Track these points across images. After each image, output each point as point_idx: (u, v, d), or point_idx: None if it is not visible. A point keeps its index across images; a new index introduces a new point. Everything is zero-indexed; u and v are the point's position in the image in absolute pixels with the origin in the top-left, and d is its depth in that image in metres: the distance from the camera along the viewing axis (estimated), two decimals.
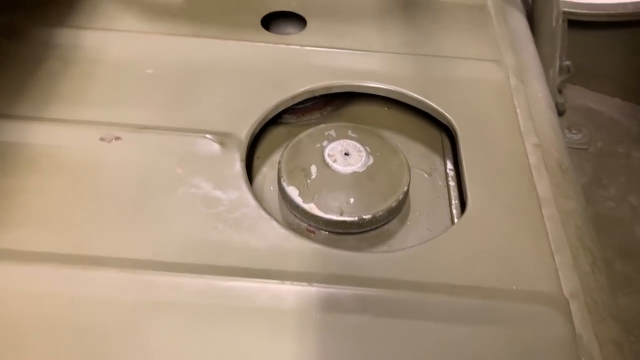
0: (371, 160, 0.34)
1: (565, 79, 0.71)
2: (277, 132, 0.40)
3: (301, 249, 0.30)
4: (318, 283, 0.28)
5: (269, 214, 0.32)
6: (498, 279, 0.29)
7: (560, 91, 0.71)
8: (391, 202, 0.33)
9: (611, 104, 0.74)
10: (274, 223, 0.31)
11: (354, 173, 0.34)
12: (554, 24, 0.56)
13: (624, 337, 0.33)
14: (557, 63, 0.62)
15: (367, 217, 0.33)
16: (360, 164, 0.34)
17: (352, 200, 0.33)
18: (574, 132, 0.69)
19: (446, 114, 0.38)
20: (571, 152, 0.67)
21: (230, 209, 0.31)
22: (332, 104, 0.42)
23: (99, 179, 0.32)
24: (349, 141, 0.35)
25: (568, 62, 0.69)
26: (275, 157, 0.38)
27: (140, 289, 0.27)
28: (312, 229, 0.34)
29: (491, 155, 0.35)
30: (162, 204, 0.31)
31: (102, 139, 0.34)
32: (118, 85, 0.38)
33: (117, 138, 0.34)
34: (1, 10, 0.42)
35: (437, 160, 0.39)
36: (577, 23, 0.70)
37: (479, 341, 0.27)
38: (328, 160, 0.34)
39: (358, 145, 0.35)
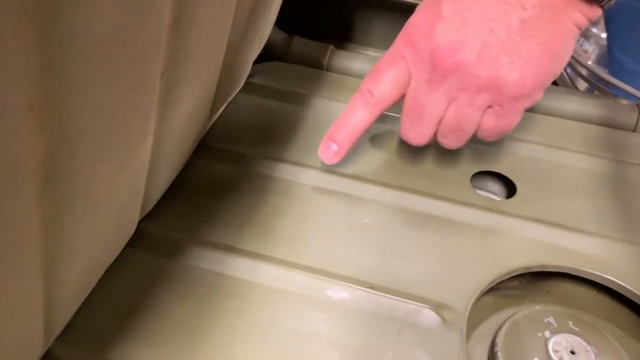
0: None
1: None
2: (480, 299, 0.40)
3: None
4: None
5: None
6: None
7: None
8: None
9: None
10: None
11: None
12: None
13: None
14: None
15: None
16: None
17: None
18: None
19: None
20: None
21: None
22: (532, 273, 0.42)
23: (325, 337, 0.33)
24: (574, 337, 0.34)
25: None
26: (481, 330, 0.38)
27: None
28: None
29: None
30: None
31: (327, 293, 0.35)
32: (338, 231, 0.39)
33: (342, 295, 0.35)
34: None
35: None
36: None
37: None
38: (553, 356, 0.33)
39: (584, 344, 0.34)
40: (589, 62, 0.87)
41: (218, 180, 0.43)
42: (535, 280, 0.41)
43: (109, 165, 0.25)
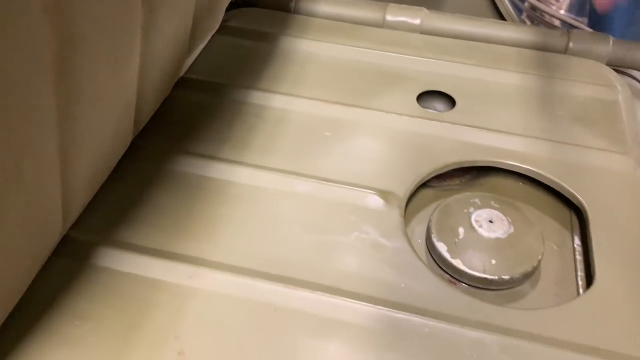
0: (512, 230, 0.41)
1: None
2: (424, 193, 0.47)
3: (453, 297, 0.36)
4: (469, 327, 0.34)
5: (424, 263, 0.39)
6: (621, 344, 0.34)
7: None
8: (527, 267, 0.39)
9: None
10: (430, 273, 0.38)
11: (497, 239, 0.40)
12: None
13: None
14: None
15: (506, 277, 0.39)
16: (502, 232, 0.41)
17: (494, 261, 0.39)
18: None
19: (578, 196, 0.43)
20: None
21: (394, 255, 0.39)
22: (471, 173, 0.49)
23: (291, 216, 0.41)
24: (493, 211, 0.42)
25: None
26: (422, 215, 0.45)
27: (327, 307, 0.35)
28: (454, 281, 0.40)
29: (617, 238, 0.41)
30: (342, 244, 0.39)
31: (293, 185, 0.43)
32: (304, 143, 0.47)
33: (305, 186, 0.43)
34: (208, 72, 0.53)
35: (566, 235, 0.44)
36: None
37: None
38: (475, 225, 0.41)
39: (501, 215, 0.42)
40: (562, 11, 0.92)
41: (200, 106, 0.50)
42: (473, 178, 0.49)
43: (105, 69, 0.32)
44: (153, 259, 0.37)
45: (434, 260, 0.41)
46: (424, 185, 0.48)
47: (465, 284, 0.40)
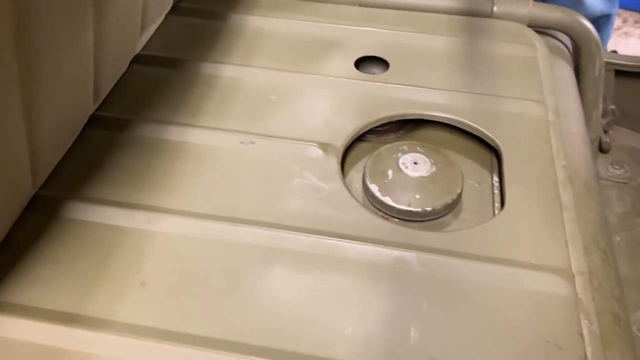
0: (434, 169, 0.46)
1: (611, 121, 0.80)
2: (363, 146, 0.53)
3: (380, 225, 0.42)
4: (392, 247, 0.40)
5: (357, 200, 0.44)
6: (523, 255, 0.40)
7: (606, 132, 0.80)
8: (447, 199, 0.45)
9: None
10: (361, 207, 0.43)
11: (421, 177, 0.46)
12: (597, 74, 0.67)
13: (623, 315, 0.42)
14: (601, 107, 0.71)
15: (428, 209, 0.44)
16: (425, 171, 0.46)
17: (418, 196, 0.45)
18: (617, 167, 0.78)
19: (494, 139, 0.49)
20: (613, 185, 0.76)
21: (330, 195, 0.44)
22: (405, 128, 0.55)
23: (239, 168, 0.46)
24: (418, 154, 0.47)
25: (613, 107, 0.78)
26: (361, 164, 0.51)
27: (271, 239, 0.40)
28: (386, 216, 0.46)
29: (526, 171, 0.46)
30: (285, 188, 0.44)
31: (241, 142, 0.48)
32: (250, 106, 0.52)
33: (252, 142, 0.48)
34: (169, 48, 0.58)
35: (486, 174, 0.50)
36: (624, 73, 0.79)
37: (503, 296, 0.38)
38: (401, 167, 0.46)
39: (425, 157, 0.47)
40: None
41: (155, 78, 0.55)
42: (407, 133, 0.54)
43: (61, 39, 0.37)
44: (115, 209, 0.42)
45: (369, 200, 0.47)
46: (364, 140, 0.53)
47: (395, 217, 0.45)
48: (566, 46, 0.68)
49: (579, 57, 0.67)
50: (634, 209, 0.74)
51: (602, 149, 0.80)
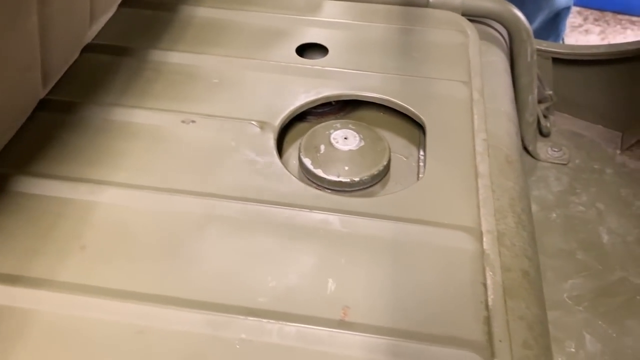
0: (363, 143, 0.50)
1: (550, 106, 0.85)
2: (303, 126, 0.56)
3: (308, 193, 0.45)
4: (318, 211, 0.43)
5: (291, 173, 0.47)
6: (437, 216, 0.44)
7: (546, 116, 0.84)
8: (374, 170, 0.48)
9: (594, 130, 0.86)
10: (292, 177, 0.47)
11: (350, 150, 0.49)
12: (529, 59, 0.71)
13: (534, 272, 0.46)
14: (536, 91, 0.76)
15: (356, 179, 0.48)
16: (354, 145, 0.50)
17: (346, 168, 0.48)
18: (555, 149, 0.82)
19: (420, 116, 0.53)
20: (552, 167, 0.81)
21: (265, 168, 0.47)
22: (344, 110, 0.58)
23: (180, 146, 0.49)
24: (348, 130, 0.51)
25: (550, 92, 0.83)
26: (297, 142, 0.54)
27: (207, 207, 0.44)
28: (319, 188, 0.49)
29: (447, 143, 0.50)
30: (222, 162, 0.48)
31: (183, 122, 0.51)
32: (194, 88, 0.55)
33: (193, 121, 0.51)
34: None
35: (414, 149, 0.54)
36: (562, 61, 0.84)
37: (416, 252, 0.41)
38: (333, 142, 0.50)
39: (355, 133, 0.51)
40: None
41: (105, 65, 0.57)
42: (345, 114, 0.58)
43: (2, 22, 0.40)
44: (60, 182, 0.45)
45: (304, 174, 0.50)
46: (305, 121, 0.57)
47: (327, 188, 0.49)
48: (502, 35, 0.73)
49: (512, 44, 0.71)
50: (571, 187, 0.79)
51: (542, 133, 0.84)
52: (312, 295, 0.38)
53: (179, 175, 0.46)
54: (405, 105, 0.54)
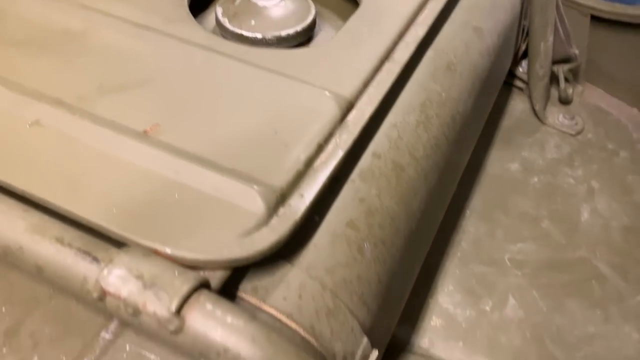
0: (284, 2, 0.46)
1: (575, 68, 0.74)
2: None
3: (199, 36, 0.43)
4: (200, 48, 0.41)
5: (198, 25, 0.44)
6: (316, 78, 0.39)
7: (568, 80, 0.74)
8: (283, 33, 0.45)
9: (624, 111, 0.75)
10: (191, 21, 0.44)
11: (265, 7, 0.46)
12: None
13: (411, 169, 0.40)
14: (551, 39, 0.67)
15: (259, 36, 0.44)
16: (275, 2, 0.46)
17: (253, 22, 0.45)
18: (567, 117, 0.72)
19: None
20: (556, 133, 0.72)
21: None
22: None
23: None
24: None
25: (576, 51, 0.72)
26: None
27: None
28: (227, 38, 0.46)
29: (371, 23, 0.45)
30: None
31: None
32: None
33: None
34: None
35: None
36: (602, 21, 0.71)
37: (270, 97, 0.37)
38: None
39: None
40: None
41: None
42: None
43: None
44: None
45: (219, 29, 0.47)
46: None
47: (243, 43, 0.45)
48: None
49: None
50: (569, 158, 0.69)
51: (561, 98, 0.75)
52: (128, 106, 0.36)
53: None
54: None
